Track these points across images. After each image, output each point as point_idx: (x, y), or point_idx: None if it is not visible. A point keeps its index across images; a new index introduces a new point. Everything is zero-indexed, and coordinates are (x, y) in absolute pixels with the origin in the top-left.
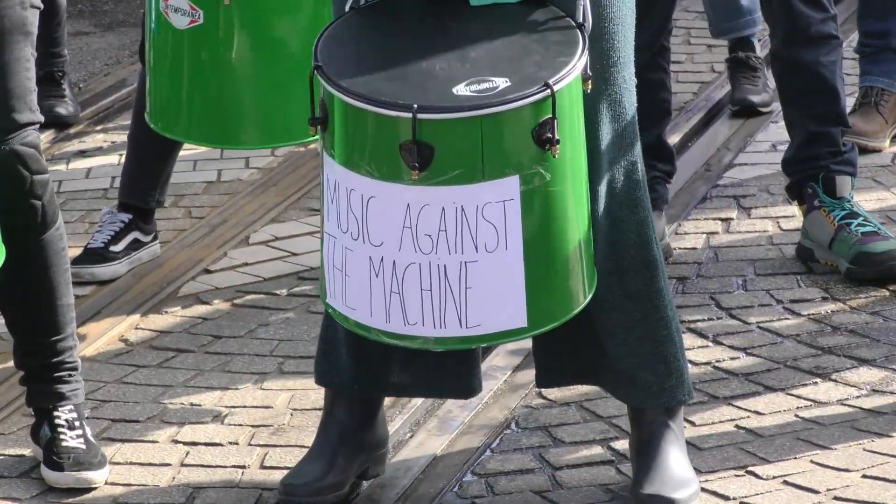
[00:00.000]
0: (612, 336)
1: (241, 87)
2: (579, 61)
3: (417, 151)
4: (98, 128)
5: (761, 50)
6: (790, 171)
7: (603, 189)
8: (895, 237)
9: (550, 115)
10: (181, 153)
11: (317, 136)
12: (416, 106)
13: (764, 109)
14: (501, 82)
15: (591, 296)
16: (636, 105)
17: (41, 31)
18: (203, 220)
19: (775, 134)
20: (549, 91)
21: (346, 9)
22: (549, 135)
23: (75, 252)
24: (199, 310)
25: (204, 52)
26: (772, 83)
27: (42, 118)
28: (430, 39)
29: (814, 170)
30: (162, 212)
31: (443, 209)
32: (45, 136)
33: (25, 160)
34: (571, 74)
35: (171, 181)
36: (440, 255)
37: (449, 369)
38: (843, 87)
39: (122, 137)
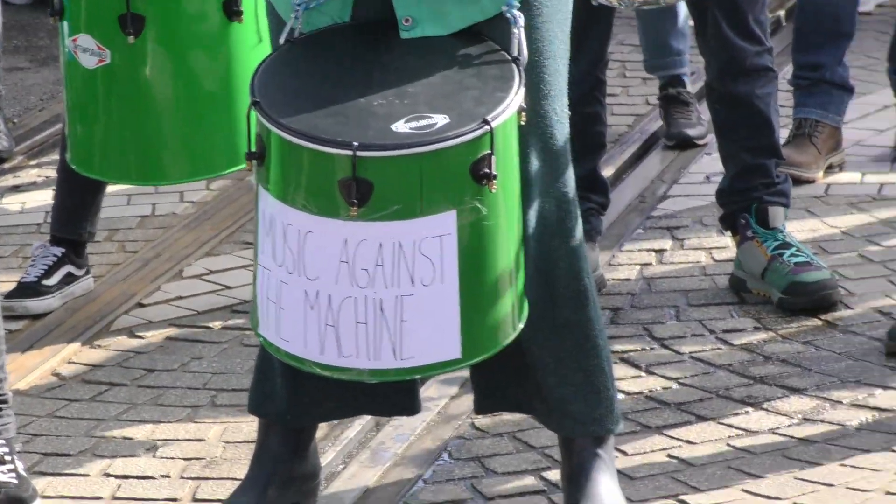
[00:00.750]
0: (544, 365)
1: (154, 124)
2: (516, 96)
3: (356, 188)
4: (32, 162)
5: (692, 84)
6: (724, 202)
7: (534, 219)
8: (827, 267)
9: (488, 151)
10: (115, 188)
11: (240, 167)
12: (356, 143)
13: (700, 142)
14: (440, 119)
15: (522, 326)
16: (569, 137)
17: None
18: (137, 254)
19: (709, 166)
20: (487, 128)
21: (281, 41)
22: (487, 170)
23: (9, 286)
24: (133, 343)
25: (114, 90)
26: (705, 115)
27: None
28: (367, 74)
29: (747, 201)
30: (96, 246)
31: (380, 244)
32: None
33: None
34: (509, 110)
35: (105, 216)
36: (377, 290)
37: (389, 389)
38: (778, 119)
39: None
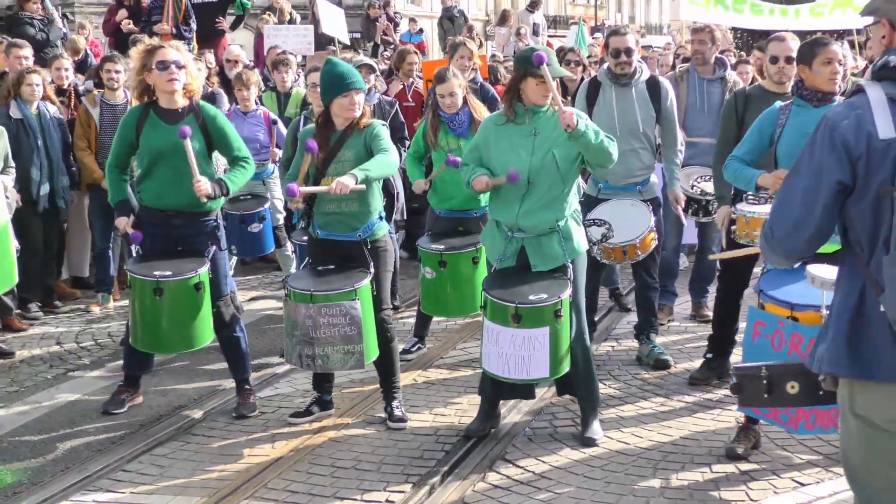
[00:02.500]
0: (577, 380)
1: (449, 296)
2: (569, 290)
3: (516, 317)
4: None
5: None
6: (637, 331)
7: (574, 330)
8: (667, 353)
9: (560, 307)
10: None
11: (477, 311)
12: (516, 301)
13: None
14: (544, 296)
15: (569, 368)
16: (585, 308)
17: None
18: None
19: (632, 317)
20: (560, 299)
21: (493, 270)
22: (560, 313)
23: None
24: None
25: (438, 287)
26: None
27: None
28: (519, 280)
29: (644, 330)
30: None
31: (523, 336)
32: None
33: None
34: (566, 293)
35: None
36: (522, 352)
37: (523, 387)
38: (657, 304)
39: None
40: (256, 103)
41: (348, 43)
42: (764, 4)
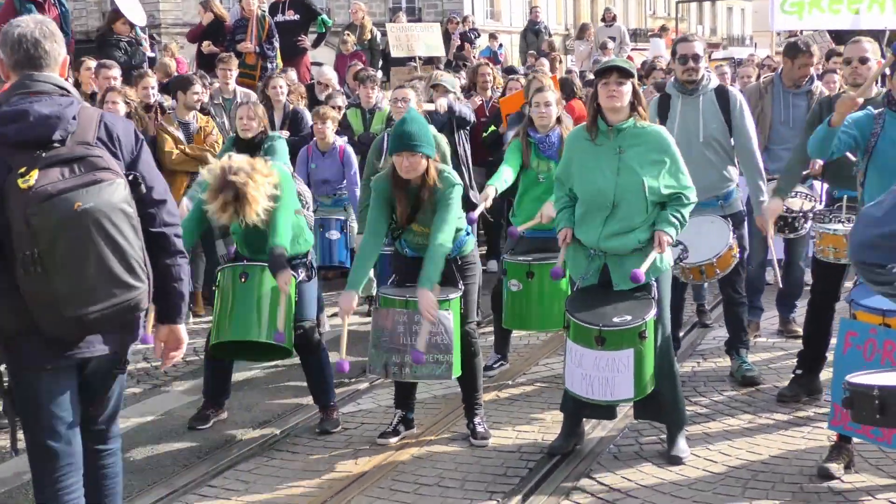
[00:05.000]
0: (663, 399)
1: (531, 309)
2: (653, 311)
3: (600, 340)
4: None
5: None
6: (727, 347)
7: (661, 349)
8: (757, 370)
9: (644, 329)
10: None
11: (559, 328)
12: (600, 324)
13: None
14: (629, 317)
15: (653, 388)
16: (670, 326)
17: None
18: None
19: (719, 333)
20: (644, 321)
21: (575, 289)
22: (645, 334)
23: None
24: None
25: (523, 299)
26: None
27: None
28: (602, 301)
29: (735, 347)
30: None
31: (607, 358)
32: None
33: None
34: (651, 314)
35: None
36: (606, 373)
37: (606, 408)
38: (746, 319)
39: None
40: (334, 139)
41: (449, 58)
42: None
